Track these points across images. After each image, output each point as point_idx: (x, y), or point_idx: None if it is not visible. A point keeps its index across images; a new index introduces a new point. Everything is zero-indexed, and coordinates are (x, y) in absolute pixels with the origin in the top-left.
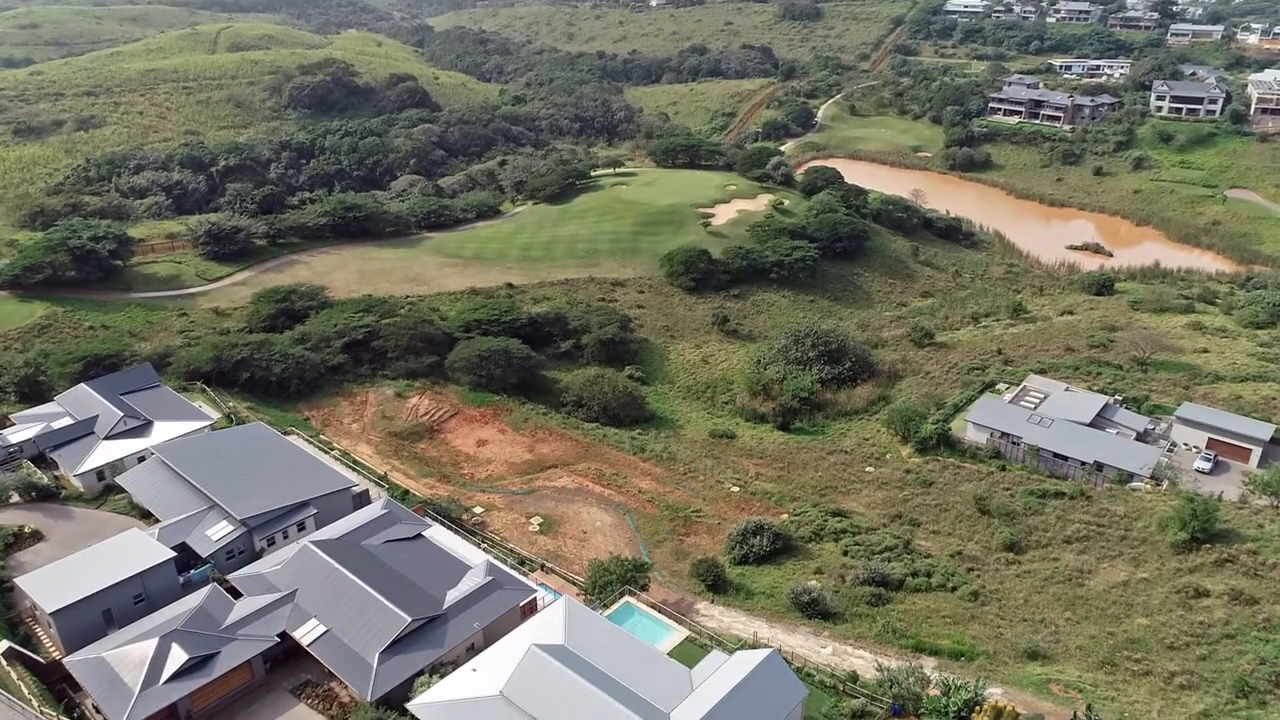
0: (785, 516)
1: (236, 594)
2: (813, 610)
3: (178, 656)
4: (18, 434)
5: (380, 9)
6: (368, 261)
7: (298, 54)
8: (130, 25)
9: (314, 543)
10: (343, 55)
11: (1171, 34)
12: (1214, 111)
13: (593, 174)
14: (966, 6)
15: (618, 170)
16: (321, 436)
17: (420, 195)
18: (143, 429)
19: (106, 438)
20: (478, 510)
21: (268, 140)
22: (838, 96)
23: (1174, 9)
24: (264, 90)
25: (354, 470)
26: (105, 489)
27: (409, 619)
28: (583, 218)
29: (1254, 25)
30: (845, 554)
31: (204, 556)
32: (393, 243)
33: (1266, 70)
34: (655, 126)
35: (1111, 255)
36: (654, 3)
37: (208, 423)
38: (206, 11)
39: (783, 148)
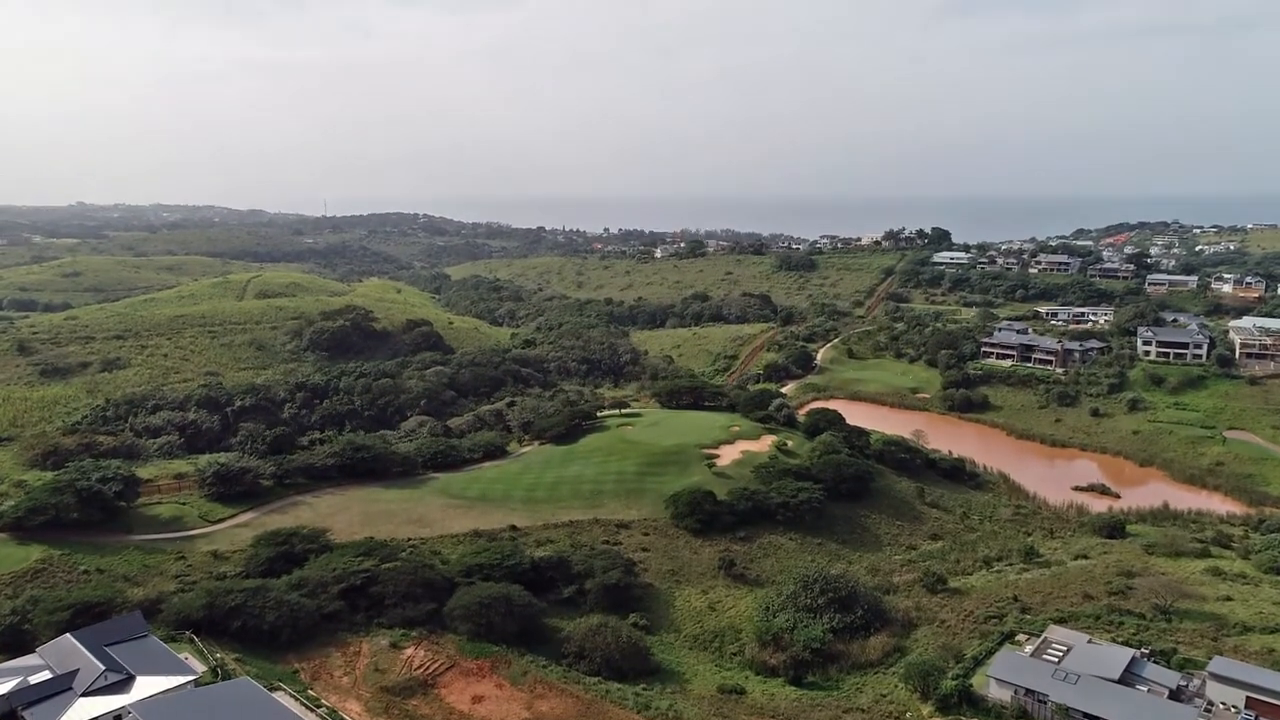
0: None
1: None
2: None
3: None
4: None
5: (402, 259)
6: (372, 503)
7: (321, 300)
8: (166, 274)
9: None
10: (363, 301)
11: (1149, 283)
12: (1200, 356)
13: (599, 414)
14: (952, 259)
15: (623, 411)
16: (309, 692)
17: (429, 435)
18: (124, 684)
19: (84, 694)
20: None
21: (284, 381)
22: (835, 340)
23: (1148, 260)
24: (285, 334)
25: None
26: None
27: None
28: (588, 458)
29: (1225, 275)
30: None
31: None
32: (399, 483)
33: (1245, 317)
34: (660, 368)
35: (1119, 496)
36: (659, 254)
37: (192, 677)
38: (239, 261)
39: (784, 389)
